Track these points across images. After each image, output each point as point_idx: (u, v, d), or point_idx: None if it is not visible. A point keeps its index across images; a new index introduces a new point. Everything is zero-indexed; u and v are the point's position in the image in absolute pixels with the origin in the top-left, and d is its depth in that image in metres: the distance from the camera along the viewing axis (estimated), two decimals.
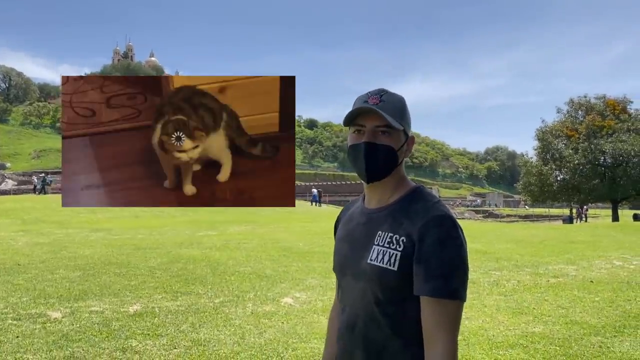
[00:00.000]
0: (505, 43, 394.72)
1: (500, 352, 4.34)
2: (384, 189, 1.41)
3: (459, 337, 4.62)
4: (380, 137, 1.35)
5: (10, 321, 4.86)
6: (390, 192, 1.40)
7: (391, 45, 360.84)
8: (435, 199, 1.36)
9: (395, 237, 1.30)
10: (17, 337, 4.42)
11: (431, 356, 1.22)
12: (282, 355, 4.16)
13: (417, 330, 1.26)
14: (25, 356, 3.95)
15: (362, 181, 1.42)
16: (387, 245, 1.30)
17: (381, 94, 1.38)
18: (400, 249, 1.27)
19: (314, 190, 39.10)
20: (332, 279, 5.48)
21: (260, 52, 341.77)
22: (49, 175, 45.20)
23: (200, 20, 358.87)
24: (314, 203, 36.02)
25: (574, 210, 40.77)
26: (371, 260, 1.33)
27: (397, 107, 1.37)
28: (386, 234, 1.33)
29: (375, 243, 1.34)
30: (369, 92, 1.40)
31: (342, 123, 1.43)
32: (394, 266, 1.27)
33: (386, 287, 1.30)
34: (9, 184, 40.26)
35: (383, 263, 1.29)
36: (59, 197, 32.76)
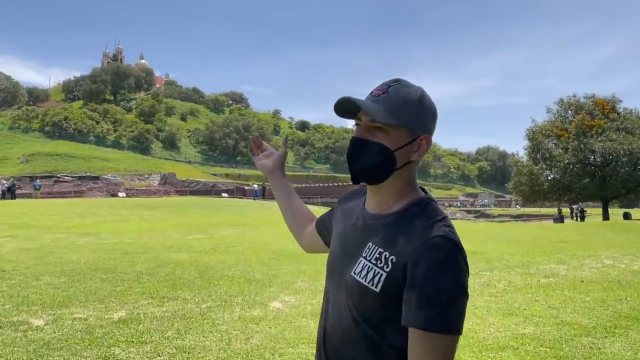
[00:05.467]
0: (495, 44, 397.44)
1: (491, 355, 4.28)
2: (384, 195, 1.24)
3: None
4: (375, 133, 1.18)
5: None
6: (392, 199, 1.23)
7: (381, 46, 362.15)
8: (440, 215, 1.17)
9: (385, 255, 1.14)
10: None
11: None
12: None
13: (399, 357, 1.12)
14: None
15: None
16: (374, 262, 1.15)
17: (390, 84, 1.21)
18: (387, 270, 1.12)
19: (255, 186, 43.55)
20: (322, 282, 5.43)
21: (250, 52, 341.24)
22: (37, 180, 44.86)
23: (190, 21, 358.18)
24: (256, 198, 40.34)
25: (567, 210, 40.94)
26: (355, 273, 1.18)
27: (401, 100, 1.18)
28: (376, 248, 1.17)
29: (363, 255, 1.19)
30: (383, 82, 1.24)
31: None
32: (376, 287, 1.12)
33: (365, 306, 1.16)
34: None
35: (365, 280, 1.14)
36: (48, 201, 32.54)
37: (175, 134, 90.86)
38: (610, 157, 33.15)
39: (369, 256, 1.17)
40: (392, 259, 1.12)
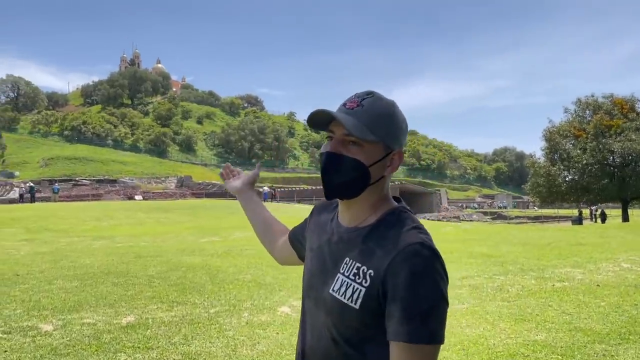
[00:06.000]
0: (511, 43, 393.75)
1: None
2: (357, 209, 1.21)
3: (458, 347, 4.49)
4: (349, 148, 1.16)
5: (0, 335, 4.78)
6: (366, 212, 1.21)
7: (396, 47, 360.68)
8: (414, 223, 1.16)
9: (363, 270, 1.12)
10: (5, 351, 4.33)
11: None
12: None
13: None
14: None
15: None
16: (353, 278, 1.12)
17: (364, 97, 1.18)
18: (366, 285, 1.10)
19: (265, 189, 45.07)
20: None
21: (265, 55, 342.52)
22: (56, 184, 45.48)
23: (205, 25, 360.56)
24: (265, 200, 41.12)
25: (586, 212, 40.29)
26: (333, 290, 1.15)
27: (376, 114, 1.16)
28: (354, 263, 1.15)
29: (341, 271, 1.16)
30: (356, 94, 1.21)
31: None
32: (355, 303, 1.10)
33: (345, 325, 1.13)
34: (17, 193, 40.41)
35: (345, 297, 1.12)
36: (66, 204, 32.97)
37: (191, 137, 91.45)
38: (630, 157, 32.56)
39: (347, 272, 1.15)
40: (370, 273, 1.10)
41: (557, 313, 5.81)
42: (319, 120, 1.20)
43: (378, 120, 1.17)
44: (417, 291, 1.03)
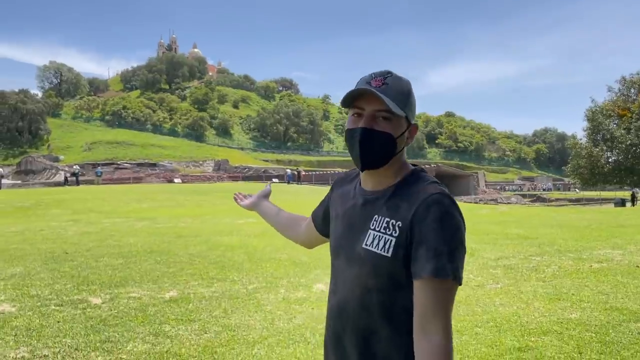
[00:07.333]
0: (554, 22, 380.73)
1: (532, 339, 4.24)
2: (380, 176, 1.36)
3: (491, 324, 4.55)
4: (379, 122, 1.29)
5: (53, 307, 5.10)
6: (389, 178, 1.35)
7: (434, 28, 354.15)
8: (432, 179, 1.32)
9: (392, 222, 1.25)
10: (59, 322, 4.63)
11: (424, 346, 1.16)
12: (308, 340, 4.21)
13: (407, 319, 1.23)
14: (64, 340, 4.14)
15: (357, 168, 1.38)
16: (383, 231, 1.26)
17: (386, 76, 1.31)
18: (396, 235, 1.23)
19: (288, 171, 48.53)
20: None
21: (300, 39, 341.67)
22: (99, 167, 46.89)
23: (241, 9, 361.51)
24: (289, 182, 43.75)
25: (627, 194, 39.09)
26: (366, 245, 1.29)
27: (401, 91, 1.30)
28: (383, 218, 1.28)
29: (372, 227, 1.30)
30: (373, 74, 1.33)
31: (340, 104, 1.36)
32: (387, 252, 1.24)
33: (378, 274, 1.26)
34: (63, 176, 41.92)
35: (377, 249, 1.26)
36: (109, 187, 34.04)
37: (227, 121, 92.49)
38: None
39: (377, 227, 1.29)
40: (398, 225, 1.24)
41: (593, 293, 5.78)
42: (348, 96, 1.32)
43: (402, 97, 1.31)
44: (441, 233, 1.18)
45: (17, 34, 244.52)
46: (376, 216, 1.30)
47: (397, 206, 1.27)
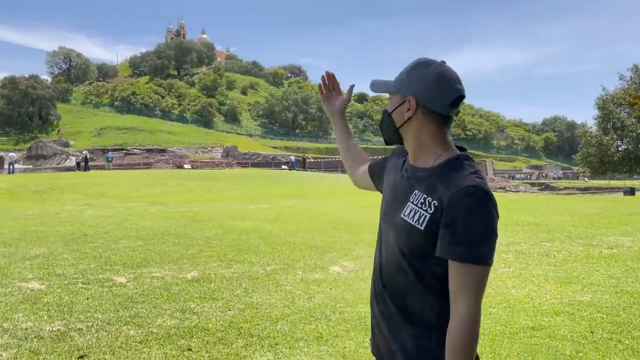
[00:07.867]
0: (566, 8, 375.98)
1: (545, 319, 4.39)
2: (417, 153, 1.49)
3: (504, 305, 4.70)
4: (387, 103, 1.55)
5: (80, 285, 5.29)
6: (429, 156, 1.47)
7: (443, 13, 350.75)
8: (473, 169, 1.41)
9: (428, 200, 1.37)
10: (87, 299, 4.82)
11: (454, 314, 1.32)
12: (329, 317, 4.37)
13: (439, 282, 1.37)
14: (95, 315, 4.33)
15: None
16: (420, 206, 1.39)
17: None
18: (431, 212, 1.35)
19: (292, 157, 49.71)
20: None
21: (309, 25, 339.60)
22: (109, 152, 47.22)
23: None
24: (291, 168, 44.92)
25: (636, 183, 38.89)
26: (404, 215, 1.43)
27: (405, 70, 1.48)
28: (421, 194, 1.41)
29: (411, 200, 1.44)
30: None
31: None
32: (421, 225, 1.36)
33: (411, 242, 1.40)
34: (73, 161, 42.29)
35: (413, 220, 1.39)
36: (119, 172, 34.33)
37: (236, 108, 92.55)
38: None
39: (416, 201, 1.43)
40: (434, 203, 1.37)
41: (603, 277, 5.90)
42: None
43: (399, 76, 1.50)
44: (468, 224, 1.28)
45: (26, 19, 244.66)
46: (416, 191, 1.44)
47: (435, 186, 1.38)
